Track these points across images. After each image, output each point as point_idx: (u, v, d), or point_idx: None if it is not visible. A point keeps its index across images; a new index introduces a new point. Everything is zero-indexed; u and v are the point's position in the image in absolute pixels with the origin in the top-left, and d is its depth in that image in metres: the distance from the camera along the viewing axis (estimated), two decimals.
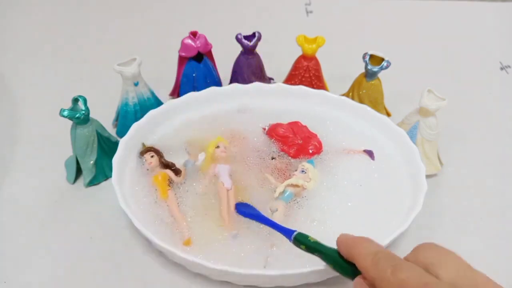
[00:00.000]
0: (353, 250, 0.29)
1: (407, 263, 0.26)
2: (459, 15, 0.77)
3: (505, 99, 0.60)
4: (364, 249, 0.28)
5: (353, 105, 0.49)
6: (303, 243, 0.33)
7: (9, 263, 0.39)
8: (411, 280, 0.24)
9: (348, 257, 0.29)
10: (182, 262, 0.36)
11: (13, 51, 0.67)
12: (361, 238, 0.30)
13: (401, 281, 0.25)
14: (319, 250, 0.32)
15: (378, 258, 0.27)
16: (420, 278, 0.25)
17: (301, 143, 0.45)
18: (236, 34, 0.51)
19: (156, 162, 0.43)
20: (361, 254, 0.28)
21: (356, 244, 0.29)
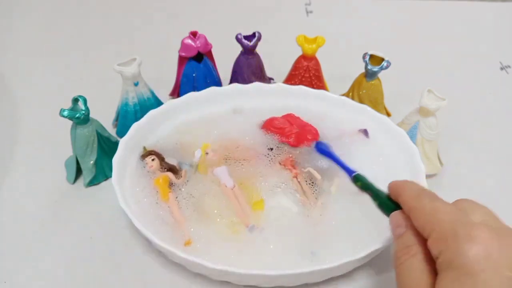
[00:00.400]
0: (400, 188, 0.31)
1: (444, 200, 0.29)
2: (459, 15, 0.77)
3: (505, 99, 0.60)
4: (410, 186, 0.31)
5: (353, 105, 0.49)
6: (360, 181, 0.37)
7: (9, 263, 0.39)
8: (444, 208, 0.27)
9: (395, 195, 0.32)
10: (182, 262, 0.36)
11: (13, 51, 0.67)
12: (409, 181, 0.33)
13: (436, 207, 0.27)
14: (371, 189, 0.35)
15: (420, 193, 0.29)
16: (452, 209, 0.27)
17: (299, 131, 0.45)
18: (236, 34, 0.51)
19: (157, 165, 0.43)
20: (406, 189, 0.31)
21: (404, 183, 0.32)
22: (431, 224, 0.27)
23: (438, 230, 0.26)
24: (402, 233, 0.29)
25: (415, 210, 0.28)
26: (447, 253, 0.25)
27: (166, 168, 0.43)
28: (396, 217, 0.30)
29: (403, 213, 0.30)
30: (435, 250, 0.26)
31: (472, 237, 0.24)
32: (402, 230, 0.29)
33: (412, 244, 0.28)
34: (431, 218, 0.27)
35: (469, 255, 0.23)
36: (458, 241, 0.24)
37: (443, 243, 0.25)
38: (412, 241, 0.28)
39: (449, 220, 0.26)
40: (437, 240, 0.26)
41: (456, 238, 0.24)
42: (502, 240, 0.24)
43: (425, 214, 0.27)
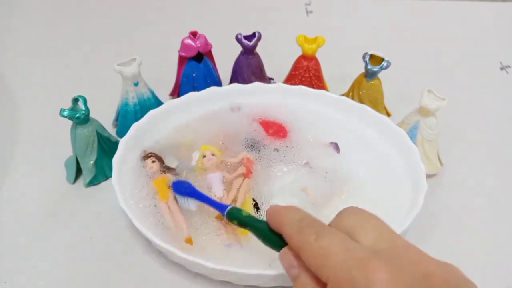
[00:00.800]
0: (279, 218, 0.29)
1: (330, 229, 0.26)
2: (459, 15, 0.77)
3: (505, 99, 0.60)
4: (290, 216, 0.28)
5: (353, 105, 0.49)
6: (236, 218, 0.33)
7: (9, 263, 0.39)
8: (332, 248, 0.24)
9: (276, 227, 0.29)
10: (182, 262, 0.36)
11: (13, 51, 0.67)
12: (287, 206, 0.30)
13: (324, 248, 0.25)
14: (249, 223, 0.32)
15: (302, 226, 0.27)
16: (341, 244, 0.25)
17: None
18: (236, 34, 0.51)
19: (157, 167, 0.43)
20: (286, 222, 0.28)
21: (282, 212, 0.29)
22: (324, 269, 0.24)
23: (334, 278, 0.24)
24: (297, 274, 0.27)
25: (302, 251, 0.26)
26: None
27: (166, 170, 0.43)
28: (287, 257, 0.28)
29: (291, 251, 0.27)
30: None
31: (372, 281, 0.22)
32: (295, 271, 0.27)
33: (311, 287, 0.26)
34: (322, 263, 0.25)
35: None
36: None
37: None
38: (309, 283, 0.26)
39: (342, 264, 0.24)
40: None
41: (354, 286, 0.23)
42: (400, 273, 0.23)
43: (315, 258, 0.25)
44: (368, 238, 0.25)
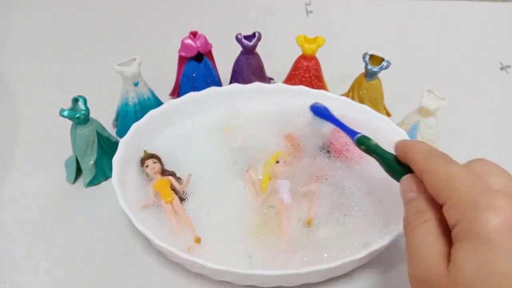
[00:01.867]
0: (408, 148, 0.29)
1: (459, 163, 0.27)
2: (459, 15, 0.77)
3: (505, 99, 0.60)
4: (420, 146, 0.29)
5: (353, 105, 0.49)
6: (364, 144, 0.35)
7: (9, 263, 0.39)
8: (460, 173, 0.25)
9: (403, 156, 0.30)
10: (182, 262, 0.36)
11: (13, 51, 0.67)
12: (418, 141, 0.31)
13: (451, 172, 0.25)
14: (377, 151, 0.34)
15: (431, 154, 0.28)
16: (469, 174, 0.25)
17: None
18: (236, 34, 0.51)
19: (159, 168, 0.42)
20: (415, 150, 0.29)
21: (413, 143, 0.30)
22: (446, 190, 0.25)
23: (455, 198, 0.24)
24: (413, 198, 0.27)
25: (427, 174, 0.27)
26: (465, 222, 0.23)
27: (167, 173, 0.43)
28: (407, 181, 0.29)
29: (415, 176, 0.28)
30: (452, 218, 0.24)
31: (492, 206, 0.23)
32: (413, 195, 0.28)
33: (425, 210, 0.26)
34: (447, 184, 0.25)
35: (489, 225, 0.22)
36: (477, 211, 0.23)
37: (461, 212, 0.24)
38: (425, 206, 0.26)
39: (467, 188, 0.24)
40: (454, 207, 0.24)
41: (475, 207, 0.23)
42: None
43: (440, 180, 0.26)
44: (496, 182, 0.25)
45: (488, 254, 0.22)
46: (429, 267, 0.24)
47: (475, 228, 0.23)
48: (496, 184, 0.25)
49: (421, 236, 0.25)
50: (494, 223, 0.22)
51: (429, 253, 0.25)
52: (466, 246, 0.23)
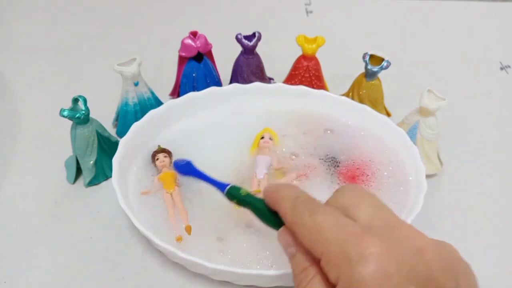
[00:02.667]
0: (275, 196, 0.28)
1: (325, 206, 0.26)
2: (459, 15, 0.77)
3: (505, 99, 0.60)
4: (286, 194, 0.28)
5: (353, 105, 0.49)
6: (235, 197, 0.33)
7: (9, 263, 0.39)
8: (327, 223, 0.24)
9: (272, 205, 0.29)
10: (182, 262, 0.36)
11: (13, 51, 0.67)
12: (285, 184, 0.30)
13: (317, 224, 0.25)
14: (248, 202, 0.31)
15: (297, 202, 0.27)
16: (336, 220, 0.24)
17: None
18: (236, 34, 0.51)
19: (168, 162, 0.43)
20: (282, 199, 0.28)
21: (279, 190, 0.29)
22: (317, 244, 0.24)
23: (327, 252, 0.23)
24: (294, 253, 0.27)
25: (296, 227, 0.26)
26: (343, 280, 0.22)
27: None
28: (283, 236, 0.28)
29: (288, 231, 0.27)
30: (330, 274, 0.24)
31: (364, 257, 0.22)
32: (293, 250, 0.27)
33: (307, 266, 0.25)
34: (316, 238, 0.24)
35: (365, 279, 0.21)
36: (350, 266, 0.22)
37: (337, 269, 0.23)
38: (307, 262, 0.26)
39: (336, 239, 0.23)
40: (329, 263, 0.23)
41: (348, 261, 0.22)
42: (392, 247, 0.23)
43: (309, 234, 0.25)
44: (363, 214, 0.25)
45: None
46: None
47: (354, 285, 0.22)
48: (364, 216, 0.25)
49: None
50: (369, 275, 0.21)
51: None
52: None
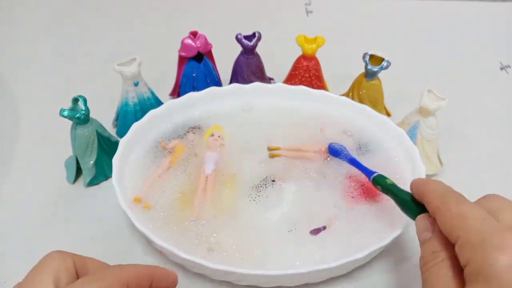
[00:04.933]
0: (424, 187, 0.30)
1: (473, 203, 0.27)
2: (459, 15, 0.77)
3: (505, 99, 0.60)
4: (435, 186, 0.30)
5: (353, 105, 0.49)
6: (380, 184, 0.36)
7: (9, 263, 0.39)
8: (471, 214, 0.26)
9: (418, 195, 0.31)
10: (182, 262, 0.36)
11: (13, 51, 0.67)
12: (433, 180, 0.31)
13: (462, 212, 0.26)
14: (392, 191, 0.35)
15: (445, 194, 0.28)
16: (480, 214, 0.25)
17: None
18: (236, 34, 0.51)
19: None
20: (430, 190, 0.30)
21: (429, 182, 0.31)
22: (457, 230, 0.25)
23: (465, 237, 0.25)
24: (428, 238, 0.28)
25: (440, 213, 0.27)
26: (474, 262, 0.23)
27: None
28: (422, 221, 0.30)
29: (429, 216, 0.29)
30: (462, 257, 0.25)
31: (502, 246, 0.23)
32: (428, 235, 0.28)
33: (439, 250, 0.27)
34: (458, 224, 0.26)
35: (498, 265, 0.22)
36: (486, 250, 0.23)
37: (471, 251, 0.24)
38: (439, 246, 0.27)
39: (477, 227, 0.25)
40: (464, 247, 0.25)
41: (484, 246, 0.23)
42: None
43: (451, 219, 0.26)
44: (507, 218, 0.26)
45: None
46: None
47: (484, 269, 0.23)
48: (507, 220, 0.25)
49: (435, 277, 0.26)
50: (503, 263, 0.22)
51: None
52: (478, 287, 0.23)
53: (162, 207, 0.40)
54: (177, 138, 0.46)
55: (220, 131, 0.47)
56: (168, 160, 0.44)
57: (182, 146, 0.45)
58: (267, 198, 0.41)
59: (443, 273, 0.26)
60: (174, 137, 0.46)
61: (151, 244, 0.39)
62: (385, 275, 0.39)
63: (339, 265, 0.34)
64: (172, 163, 0.44)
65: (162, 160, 0.44)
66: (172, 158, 0.44)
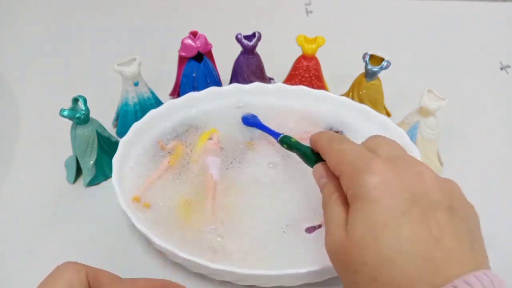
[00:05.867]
0: (316, 137, 0.34)
1: (353, 141, 0.31)
2: (459, 15, 0.77)
3: (505, 99, 0.60)
4: (324, 134, 0.33)
5: (353, 105, 0.49)
6: (286, 143, 0.40)
7: (9, 263, 0.39)
8: (349, 150, 0.29)
9: (313, 145, 0.34)
10: (182, 262, 0.36)
11: (13, 51, 0.67)
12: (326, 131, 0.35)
13: (342, 149, 0.30)
14: (296, 147, 0.38)
15: (331, 138, 0.32)
16: (357, 149, 0.29)
17: None
18: (236, 34, 0.51)
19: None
20: (320, 137, 0.33)
21: (320, 133, 0.34)
22: (340, 165, 0.29)
23: (344, 169, 0.28)
24: (325, 183, 0.31)
25: (327, 154, 0.31)
26: (352, 187, 0.27)
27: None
28: (318, 169, 0.32)
29: (324, 164, 0.32)
30: (344, 186, 0.28)
31: (370, 169, 0.26)
32: (324, 180, 0.31)
33: (333, 191, 0.30)
34: (339, 159, 0.29)
35: (369, 185, 0.26)
36: (359, 175, 0.26)
37: (349, 180, 0.27)
38: (333, 188, 0.30)
39: (353, 159, 0.28)
40: (344, 178, 0.28)
41: (357, 172, 0.27)
42: (397, 168, 0.26)
43: (335, 156, 0.30)
44: (382, 151, 0.29)
45: (370, 210, 0.25)
46: (335, 236, 0.27)
47: (359, 190, 0.26)
48: (382, 152, 0.29)
49: (332, 212, 0.29)
50: (373, 182, 0.26)
51: (334, 223, 0.28)
52: (355, 207, 0.26)
53: (162, 208, 0.40)
54: (176, 139, 0.46)
55: (218, 134, 0.46)
56: (167, 160, 0.44)
57: (181, 146, 0.45)
58: (267, 198, 0.41)
59: (335, 207, 0.29)
60: (174, 137, 0.46)
61: (151, 244, 0.39)
62: None
63: None
64: (171, 164, 0.43)
65: (161, 160, 0.44)
66: (171, 159, 0.44)
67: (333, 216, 0.28)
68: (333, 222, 0.28)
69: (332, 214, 0.28)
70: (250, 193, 0.42)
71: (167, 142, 0.45)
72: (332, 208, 0.29)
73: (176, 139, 0.46)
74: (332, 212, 0.29)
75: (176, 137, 0.46)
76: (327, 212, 0.29)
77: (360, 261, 0.25)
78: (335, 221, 0.28)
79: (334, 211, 0.28)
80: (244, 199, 0.41)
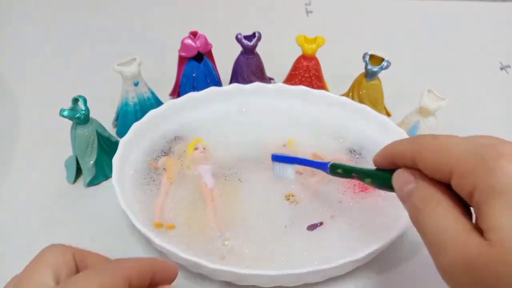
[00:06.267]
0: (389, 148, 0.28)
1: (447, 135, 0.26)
2: (459, 15, 0.77)
3: (505, 99, 0.60)
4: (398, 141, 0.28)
5: (353, 105, 0.49)
6: (340, 167, 0.35)
7: (9, 263, 0.39)
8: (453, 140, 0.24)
9: (388, 156, 0.28)
10: (182, 262, 0.36)
11: (13, 51, 0.67)
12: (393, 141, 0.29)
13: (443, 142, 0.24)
14: (354, 169, 0.33)
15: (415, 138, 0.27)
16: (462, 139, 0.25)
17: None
18: (236, 34, 0.51)
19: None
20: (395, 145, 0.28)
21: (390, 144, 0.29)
22: (449, 160, 0.23)
23: (461, 164, 0.22)
24: (413, 189, 0.25)
25: (422, 154, 0.25)
26: (482, 181, 0.21)
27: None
28: (401, 175, 0.27)
29: (406, 169, 0.26)
30: (466, 186, 0.22)
31: (503, 153, 0.21)
32: (412, 186, 0.25)
33: (431, 194, 0.24)
34: (445, 154, 0.23)
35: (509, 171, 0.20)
36: (489, 164, 0.21)
37: (473, 174, 0.22)
38: (430, 191, 0.24)
39: (471, 146, 0.23)
40: (463, 175, 0.22)
41: (485, 162, 0.21)
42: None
43: (439, 152, 0.24)
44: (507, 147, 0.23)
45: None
46: (462, 248, 0.21)
47: (497, 181, 0.21)
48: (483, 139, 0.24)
49: (438, 220, 0.23)
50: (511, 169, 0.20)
51: (454, 234, 0.22)
52: (496, 204, 0.20)
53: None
54: (164, 155, 0.45)
55: (202, 143, 0.46)
56: (165, 178, 0.43)
57: (171, 160, 0.44)
58: (268, 198, 0.41)
59: (446, 214, 0.23)
60: (164, 150, 0.45)
61: (151, 244, 0.39)
62: (385, 275, 0.39)
63: (339, 265, 0.34)
64: (171, 179, 0.43)
65: (160, 178, 0.43)
66: (169, 174, 0.43)
67: (446, 225, 0.22)
68: (450, 231, 0.22)
69: (443, 222, 0.22)
70: (249, 193, 0.42)
71: (156, 161, 0.44)
72: (439, 215, 0.23)
73: (164, 156, 0.45)
74: (441, 220, 0.23)
75: (162, 152, 0.45)
76: (430, 221, 0.23)
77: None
78: (453, 230, 0.22)
79: (447, 218, 0.22)
80: (244, 199, 0.41)
